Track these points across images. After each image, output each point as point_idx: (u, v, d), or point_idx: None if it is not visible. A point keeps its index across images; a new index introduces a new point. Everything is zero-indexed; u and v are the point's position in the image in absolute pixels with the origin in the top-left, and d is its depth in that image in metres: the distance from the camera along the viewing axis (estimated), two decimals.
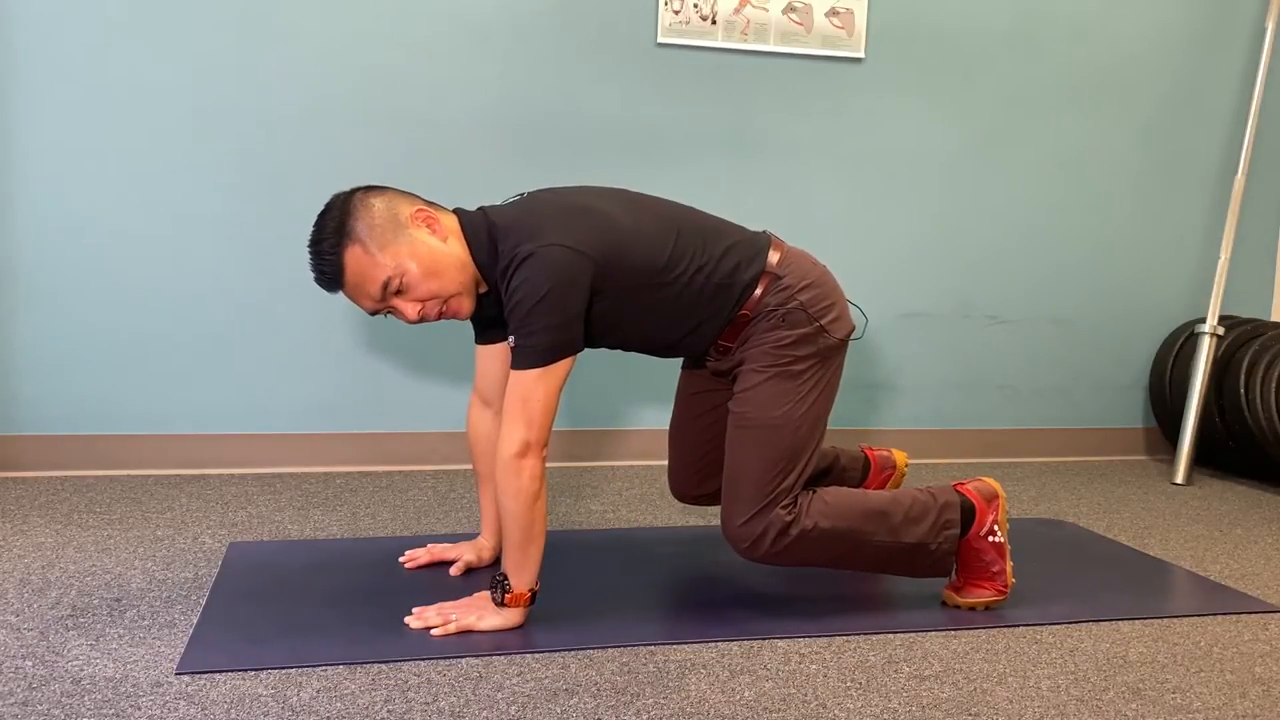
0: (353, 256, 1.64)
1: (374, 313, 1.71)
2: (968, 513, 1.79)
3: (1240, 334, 3.03)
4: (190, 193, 2.59)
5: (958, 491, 1.81)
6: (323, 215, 1.68)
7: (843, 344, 1.81)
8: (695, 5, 2.78)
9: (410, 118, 2.68)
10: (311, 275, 1.68)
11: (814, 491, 1.75)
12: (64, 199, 2.53)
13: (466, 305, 1.72)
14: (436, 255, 1.67)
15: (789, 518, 1.69)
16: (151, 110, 2.55)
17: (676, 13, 2.78)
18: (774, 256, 1.78)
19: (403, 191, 1.73)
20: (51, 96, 2.50)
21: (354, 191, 1.70)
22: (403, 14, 2.65)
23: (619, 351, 1.89)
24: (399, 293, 1.66)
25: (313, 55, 2.62)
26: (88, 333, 2.57)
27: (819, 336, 1.76)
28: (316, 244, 1.66)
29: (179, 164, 2.58)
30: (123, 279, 2.57)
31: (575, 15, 2.74)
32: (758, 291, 1.75)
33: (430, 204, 1.74)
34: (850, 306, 1.88)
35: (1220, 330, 2.99)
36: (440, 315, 1.71)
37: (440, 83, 2.69)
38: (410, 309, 1.68)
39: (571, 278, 1.62)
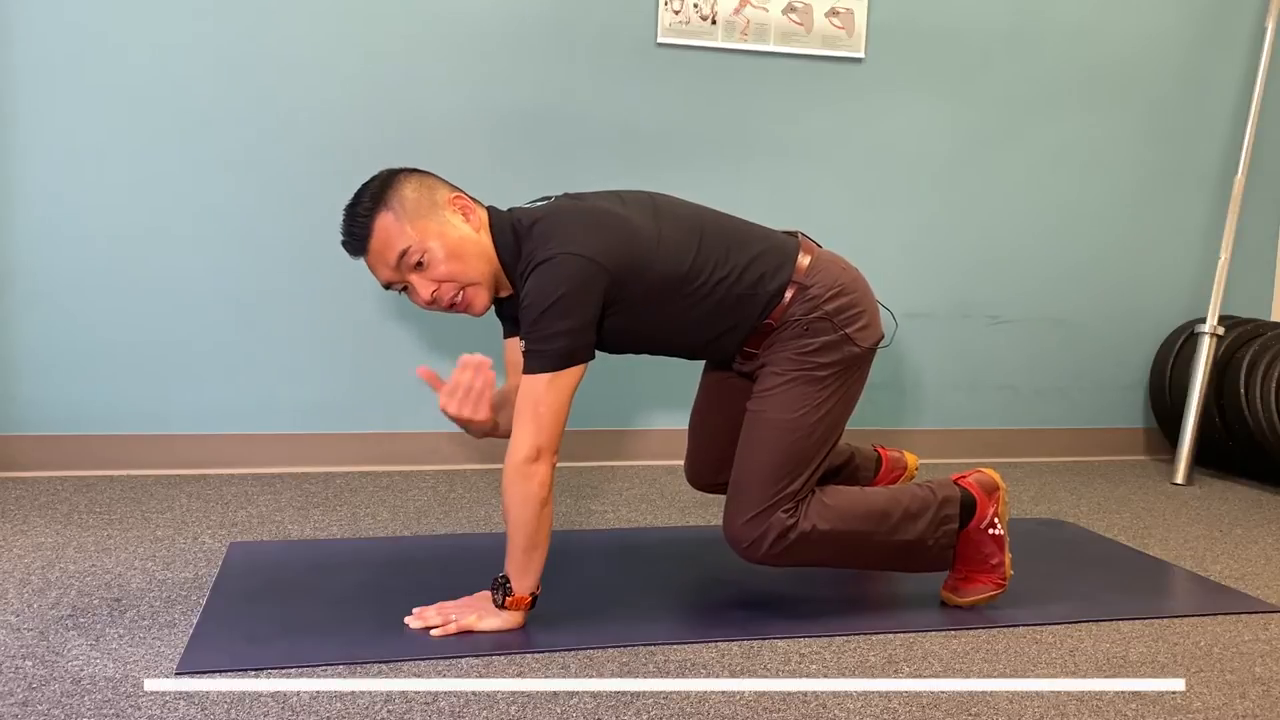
0: (383, 223, 1.67)
1: (388, 285, 1.72)
2: (967, 506, 1.79)
3: (1240, 334, 3.03)
4: (190, 193, 2.59)
5: (957, 485, 1.81)
6: (365, 185, 1.72)
7: (869, 352, 1.79)
8: (695, 5, 2.78)
9: (410, 118, 2.68)
10: (340, 238, 1.72)
11: (814, 492, 1.75)
12: (64, 199, 2.53)
13: (482, 298, 1.72)
14: (465, 240, 1.69)
15: (790, 521, 1.69)
16: (151, 110, 2.55)
17: (676, 13, 2.78)
18: (804, 261, 1.76)
19: (445, 180, 1.76)
20: (51, 97, 2.50)
21: (400, 169, 1.74)
22: (402, 14, 2.65)
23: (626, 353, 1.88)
24: (418, 266, 1.67)
25: (312, 56, 2.62)
26: (88, 333, 2.57)
27: (844, 345, 1.75)
28: (352, 207, 1.70)
29: (179, 164, 2.58)
30: (123, 279, 2.57)
31: (575, 15, 2.74)
32: (784, 301, 1.74)
33: (469, 196, 1.76)
34: (881, 310, 1.85)
35: (1220, 330, 2.99)
36: (452, 303, 1.71)
37: (440, 82, 2.69)
38: (425, 288, 1.68)
39: (584, 285, 1.62)
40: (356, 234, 1.69)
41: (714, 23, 2.80)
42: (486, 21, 2.69)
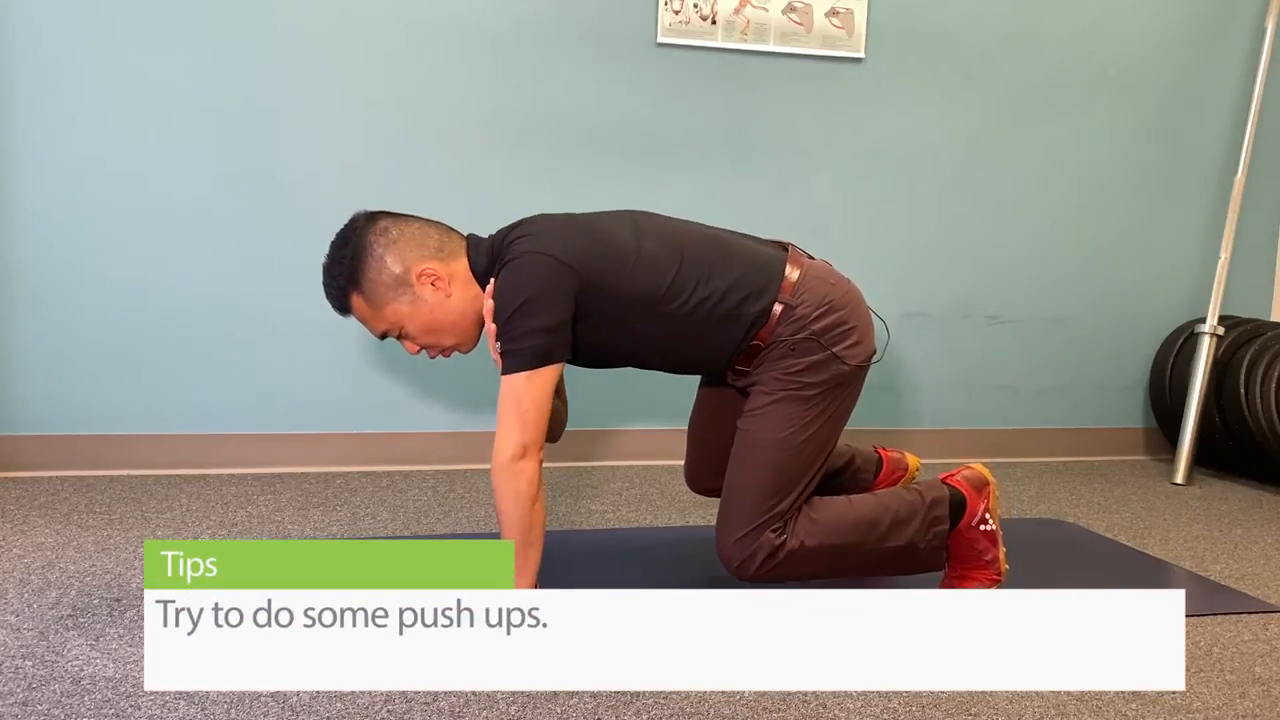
0: (358, 303, 1.75)
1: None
2: (957, 505, 1.79)
3: (1240, 334, 3.03)
4: (190, 193, 2.59)
5: (946, 484, 1.81)
6: (339, 247, 1.74)
7: (859, 370, 1.78)
8: (695, 5, 2.78)
9: (410, 118, 2.68)
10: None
11: (800, 508, 1.75)
12: (64, 199, 2.53)
13: (466, 347, 1.81)
14: (436, 313, 1.73)
15: (778, 540, 1.70)
16: (151, 111, 2.55)
17: (676, 13, 2.78)
18: (792, 277, 1.74)
19: (419, 229, 1.75)
20: (51, 97, 2.50)
21: (372, 224, 1.74)
22: (402, 14, 2.65)
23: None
24: (400, 337, 1.76)
25: (313, 56, 2.62)
26: (88, 333, 2.57)
27: (832, 364, 1.74)
28: (330, 277, 1.75)
29: (179, 164, 2.58)
30: (122, 279, 2.57)
31: (575, 15, 2.74)
32: (770, 321, 1.73)
33: (444, 235, 1.76)
34: (875, 319, 1.85)
35: (1220, 330, 2.99)
36: (439, 356, 1.82)
37: (440, 83, 2.69)
38: (411, 348, 1.78)
39: (551, 284, 1.63)
40: (335, 305, 1.77)
41: (714, 23, 2.80)
42: (486, 21, 2.69)
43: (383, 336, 1.78)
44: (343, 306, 1.76)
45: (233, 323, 2.64)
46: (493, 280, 1.69)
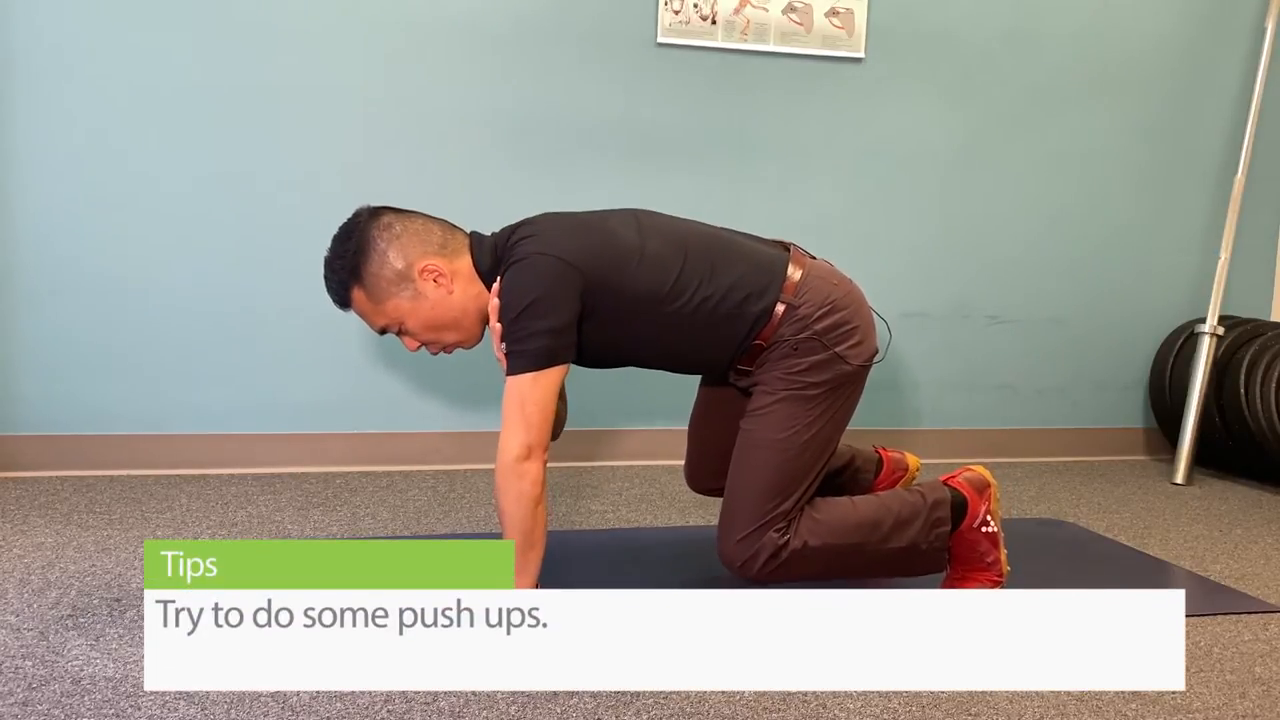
0: (358, 298, 1.74)
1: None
2: (959, 507, 1.79)
3: (1240, 334, 3.03)
4: (190, 192, 2.59)
5: (948, 486, 1.81)
6: (341, 240, 1.74)
7: (861, 369, 1.79)
8: (695, 5, 2.78)
9: (409, 118, 2.68)
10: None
11: (803, 508, 1.75)
12: (64, 199, 2.53)
13: (469, 344, 1.81)
14: (438, 310, 1.73)
15: (781, 540, 1.70)
16: (151, 112, 2.55)
17: (676, 13, 2.78)
18: (794, 277, 1.75)
19: (423, 225, 1.76)
20: (51, 96, 2.50)
21: (375, 218, 1.74)
22: (402, 14, 2.65)
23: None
24: (399, 333, 1.77)
25: (314, 56, 2.62)
26: (88, 332, 2.57)
27: (834, 364, 1.74)
28: (331, 270, 1.75)
29: (179, 163, 2.58)
30: (122, 279, 2.57)
31: (575, 15, 2.74)
32: (773, 321, 1.73)
33: (448, 233, 1.76)
34: (877, 319, 1.85)
35: (1220, 330, 2.99)
36: (440, 353, 1.82)
37: (439, 82, 2.69)
38: (410, 344, 1.79)
39: (558, 285, 1.63)
40: (335, 298, 1.77)
41: (714, 23, 2.80)
42: (486, 21, 2.69)
43: (382, 332, 1.78)
44: (343, 300, 1.76)
45: (233, 322, 2.64)
46: (498, 280, 1.69)
